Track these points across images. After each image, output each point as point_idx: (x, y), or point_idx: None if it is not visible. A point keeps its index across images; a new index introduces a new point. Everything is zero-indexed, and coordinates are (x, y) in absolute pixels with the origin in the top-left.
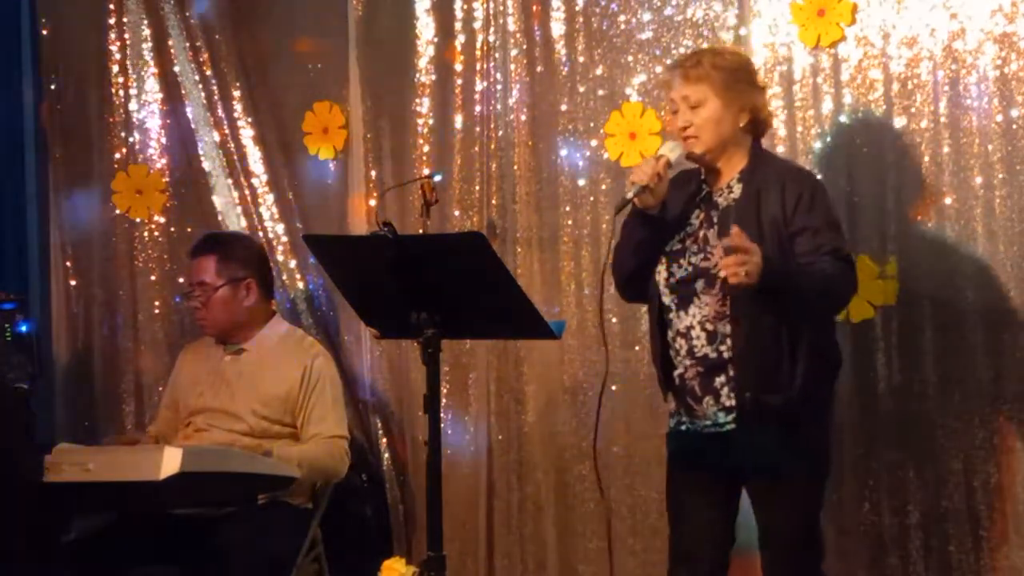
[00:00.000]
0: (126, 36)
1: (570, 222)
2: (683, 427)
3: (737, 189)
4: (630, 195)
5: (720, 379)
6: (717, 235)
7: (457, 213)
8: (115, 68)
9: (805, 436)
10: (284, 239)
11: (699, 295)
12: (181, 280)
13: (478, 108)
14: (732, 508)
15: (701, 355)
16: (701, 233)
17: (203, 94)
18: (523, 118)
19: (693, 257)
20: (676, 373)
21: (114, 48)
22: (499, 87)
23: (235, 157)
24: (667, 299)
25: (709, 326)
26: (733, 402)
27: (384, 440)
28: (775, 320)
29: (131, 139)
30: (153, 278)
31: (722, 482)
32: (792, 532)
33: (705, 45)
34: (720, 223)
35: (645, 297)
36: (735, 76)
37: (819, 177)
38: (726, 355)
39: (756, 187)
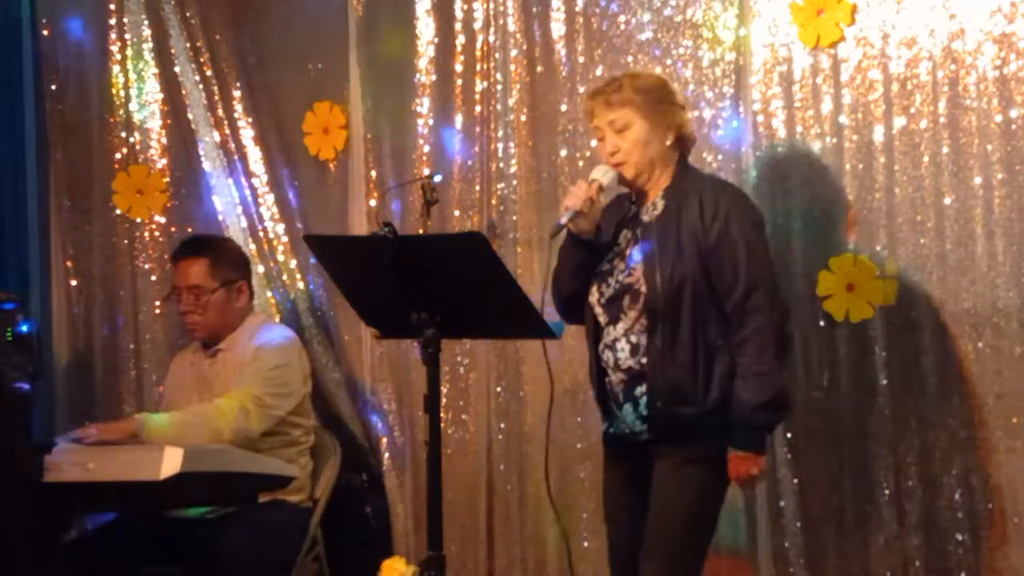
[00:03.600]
0: (126, 36)
1: None
2: (611, 431)
3: (660, 205)
4: (564, 220)
5: (640, 389)
6: (639, 251)
7: (457, 213)
8: (115, 68)
9: (709, 452)
10: (284, 239)
11: (625, 311)
12: None
13: (478, 108)
14: None
15: (625, 367)
16: (627, 251)
17: (203, 94)
18: (523, 118)
19: (620, 275)
20: (606, 381)
21: (114, 48)
22: (499, 87)
23: (235, 157)
24: (601, 318)
25: (633, 338)
26: (648, 412)
27: (384, 440)
28: (690, 335)
29: (131, 139)
30: (153, 278)
31: (645, 488)
32: (660, 533)
33: (705, 46)
34: (641, 239)
35: (583, 318)
36: (657, 96)
37: (811, 179)
38: (646, 367)
39: (678, 202)
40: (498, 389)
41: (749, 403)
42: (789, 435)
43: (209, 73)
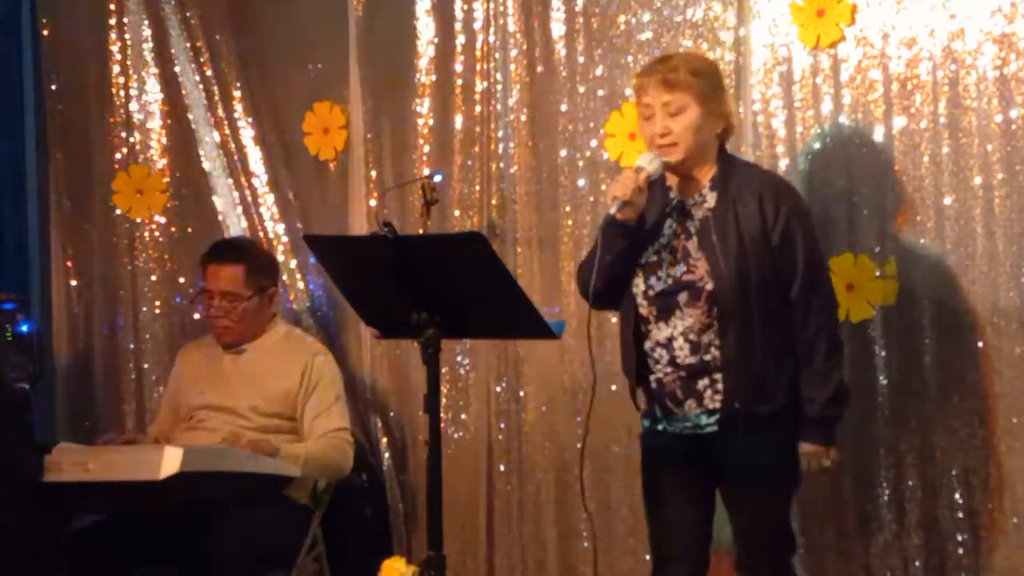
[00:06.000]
0: (126, 36)
1: (570, 222)
2: (660, 427)
3: (711, 198)
4: (613, 210)
5: (703, 382)
6: (697, 247)
7: (457, 213)
8: (115, 68)
9: (783, 443)
10: (284, 239)
11: (682, 307)
12: (182, 280)
13: (478, 108)
14: (709, 506)
15: (685, 364)
16: (678, 244)
17: (203, 94)
18: (523, 118)
19: (671, 269)
20: (653, 378)
21: (114, 48)
22: (499, 87)
23: (235, 157)
24: (644, 310)
25: (693, 337)
26: (717, 405)
27: (384, 440)
28: (762, 333)
29: (131, 139)
30: (154, 278)
31: (699, 481)
32: (764, 531)
33: (705, 46)
34: (699, 234)
35: (614, 306)
36: (712, 82)
37: (812, 179)
38: (712, 363)
39: (731, 196)
40: (498, 389)
41: (818, 399)
42: None
43: (209, 73)
